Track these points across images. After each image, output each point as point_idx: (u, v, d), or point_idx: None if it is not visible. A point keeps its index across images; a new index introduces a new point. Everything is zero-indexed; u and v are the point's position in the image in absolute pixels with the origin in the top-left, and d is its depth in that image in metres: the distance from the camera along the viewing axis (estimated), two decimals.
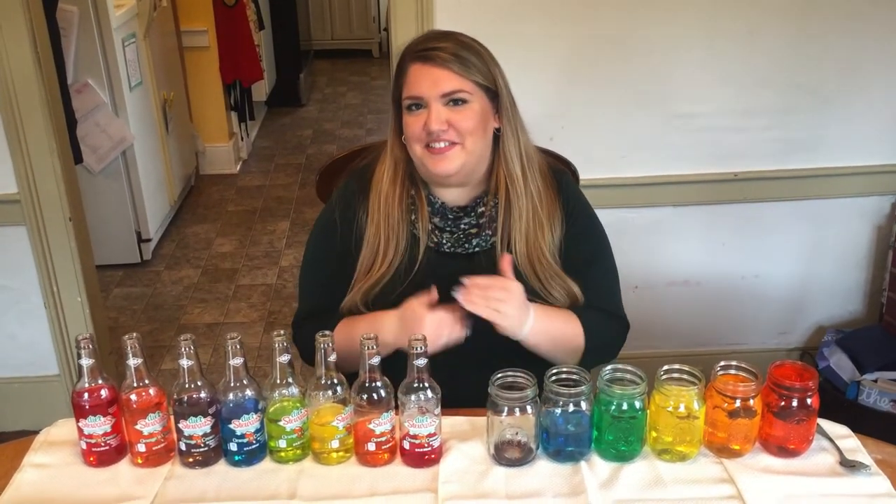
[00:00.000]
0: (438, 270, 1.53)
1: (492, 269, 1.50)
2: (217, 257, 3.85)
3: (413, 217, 1.56)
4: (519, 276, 1.49)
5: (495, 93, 1.52)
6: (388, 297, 1.51)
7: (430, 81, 1.47)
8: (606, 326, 1.58)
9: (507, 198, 1.54)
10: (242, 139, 5.01)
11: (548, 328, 1.47)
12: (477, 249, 1.56)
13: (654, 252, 2.60)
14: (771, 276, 2.66)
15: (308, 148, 5.29)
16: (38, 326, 2.59)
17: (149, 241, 3.76)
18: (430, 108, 1.47)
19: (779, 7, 2.33)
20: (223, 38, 4.52)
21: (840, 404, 2.44)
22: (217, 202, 4.46)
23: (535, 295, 1.51)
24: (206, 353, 2.91)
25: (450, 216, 1.57)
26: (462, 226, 1.56)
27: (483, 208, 1.56)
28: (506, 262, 1.47)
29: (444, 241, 1.56)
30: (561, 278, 1.55)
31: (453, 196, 1.58)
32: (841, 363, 2.50)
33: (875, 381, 2.41)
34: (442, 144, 1.48)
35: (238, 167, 4.90)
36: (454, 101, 1.47)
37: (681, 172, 2.50)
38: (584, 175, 1.88)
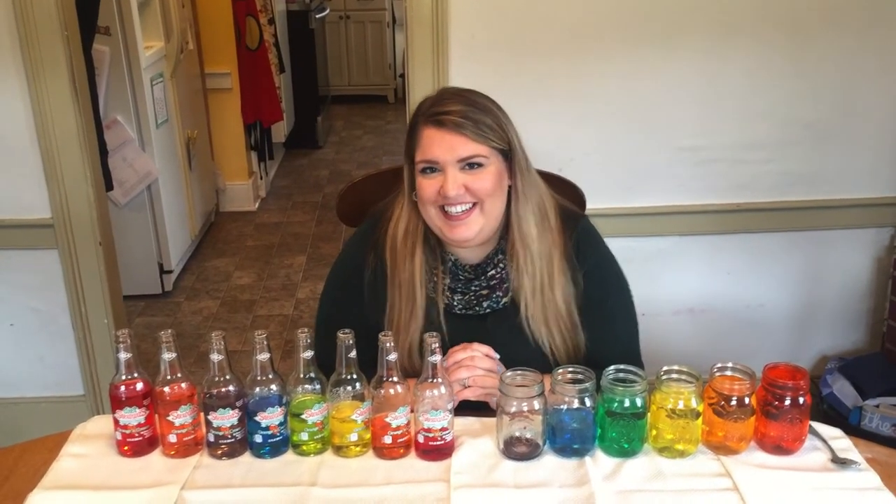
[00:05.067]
0: (452, 333, 1.54)
1: (504, 328, 1.55)
2: (236, 289, 3.96)
3: (430, 284, 1.56)
4: (530, 332, 1.54)
5: (509, 152, 1.52)
6: (413, 367, 1.53)
7: (446, 147, 1.46)
8: None
9: (517, 256, 1.53)
10: (261, 178, 5.15)
11: None
12: (488, 311, 1.57)
13: (660, 280, 2.69)
14: (775, 305, 2.74)
15: (325, 187, 5.43)
16: (66, 348, 2.69)
17: (170, 272, 3.88)
18: (447, 173, 1.46)
19: (776, 45, 2.45)
20: (245, 80, 4.68)
21: (843, 430, 2.49)
22: (236, 237, 4.59)
23: (538, 350, 1.54)
24: None
25: (461, 277, 1.57)
26: (473, 288, 1.57)
27: (493, 271, 1.56)
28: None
29: (456, 304, 1.57)
30: (572, 332, 1.56)
31: (467, 254, 1.57)
32: (844, 390, 2.56)
33: (877, 406, 2.47)
34: (459, 209, 1.47)
35: (257, 205, 5.03)
36: (470, 164, 1.47)
37: (685, 203, 2.59)
38: (592, 205, 1.94)
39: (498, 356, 1.49)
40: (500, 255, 1.57)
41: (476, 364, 1.46)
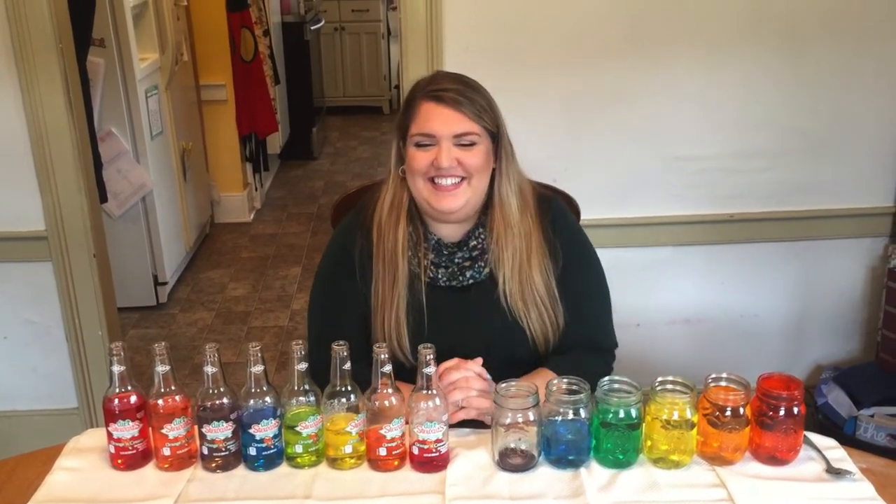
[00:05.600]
0: (436, 305, 1.61)
1: (485, 300, 1.60)
2: (230, 301, 3.95)
3: (414, 259, 1.61)
4: (507, 307, 1.59)
5: (496, 136, 1.60)
6: (400, 339, 1.59)
7: (443, 121, 1.54)
8: (584, 368, 1.49)
9: (498, 231, 1.60)
10: (256, 189, 5.15)
11: None
12: (471, 282, 1.62)
13: (655, 291, 2.69)
14: (769, 315, 2.74)
15: (320, 198, 5.43)
16: (60, 360, 2.68)
17: (165, 284, 3.87)
18: (441, 146, 1.53)
19: (772, 54, 2.46)
20: (240, 91, 4.69)
21: (838, 440, 2.47)
22: (231, 249, 4.58)
23: (515, 323, 1.59)
24: None
25: (444, 251, 1.63)
26: (456, 260, 1.62)
27: (475, 241, 1.62)
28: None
29: (440, 276, 1.62)
30: (549, 309, 1.61)
31: (449, 231, 1.64)
32: (839, 400, 2.56)
33: (872, 416, 2.47)
34: (449, 182, 1.55)
35: (252, 216, 5.03)
36: (463, 142, 1.54)
37: (679, 213, 2.59)
38: (587, 215, 1.96)
39: (490, 378, 1.50)
40: (481, 229, 1.63)
41: (470, 385, 1.46)
